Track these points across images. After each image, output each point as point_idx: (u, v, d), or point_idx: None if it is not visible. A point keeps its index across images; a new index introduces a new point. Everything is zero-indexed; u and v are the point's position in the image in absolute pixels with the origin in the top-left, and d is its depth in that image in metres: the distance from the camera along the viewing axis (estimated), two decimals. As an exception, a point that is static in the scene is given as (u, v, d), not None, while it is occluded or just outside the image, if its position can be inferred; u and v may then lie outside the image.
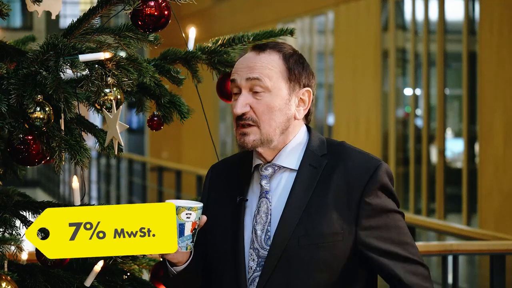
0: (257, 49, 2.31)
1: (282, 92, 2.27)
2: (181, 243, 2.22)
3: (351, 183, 2.24)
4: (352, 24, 12.72)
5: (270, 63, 2.27)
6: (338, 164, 2.27)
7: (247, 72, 2.27)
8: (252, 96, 2.26)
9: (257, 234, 2.26)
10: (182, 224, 2.21)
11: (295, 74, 2.29)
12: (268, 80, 2.26)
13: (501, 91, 9.69)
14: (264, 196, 2.28)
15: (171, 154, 19.58)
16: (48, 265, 2.36)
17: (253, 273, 2.25)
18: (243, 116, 2.27)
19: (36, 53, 2.21)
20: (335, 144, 2.33)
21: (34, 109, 2.18)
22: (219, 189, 2.37)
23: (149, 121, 2.70)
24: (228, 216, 2.31)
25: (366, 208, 2.23)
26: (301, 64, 2.32)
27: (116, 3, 2.26)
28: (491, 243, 4.96)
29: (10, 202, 2.46)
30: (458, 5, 10.69)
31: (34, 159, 2.26)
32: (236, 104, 2.27)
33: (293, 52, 2.33)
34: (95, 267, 2.48)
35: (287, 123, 2.28)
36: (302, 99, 2.31)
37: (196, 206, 2.22)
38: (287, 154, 2.30)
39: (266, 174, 2.30)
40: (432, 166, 11.22)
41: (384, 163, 2.29)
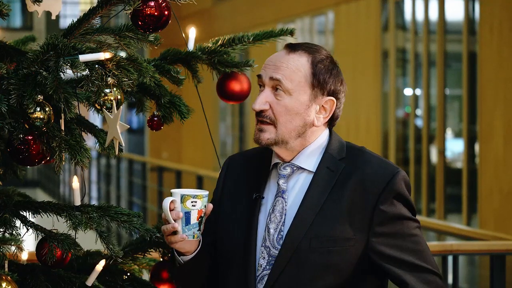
0: (289, 48, 2.29)
1: (303, 97, 2.26)
2: (188, 231, 2.23)
3: (367, 189, 2.22)
4: (352, 24, 12.72)
5: (296, 66, 2.25)
6: (356, 169, 2.25)
7: (272, 70, 2.27)
8: (274, 95, 2.26)
9: (270, 233, 2.26)
10: (188, 212, 2.22)
11: (319, 81, 2.26)
12: (290, 83, 2.24)
13: (501, 91, 9.69)
14: (280, 195, 2.28)
15: (171, 154, 19.58)
16: (49, 265, 2.36)
17: (262, 271, 2.25)
18: (261, 113, 2.27)
19: (36, 53, 2.21)
20: (355, 148, 2.32)
21: (34, 109, 2.18)
22: (235, 182, 2.37)
23: (149, 121, 2.70)
24: (243, 211, 2.31)
25: (380, 215, 2.21)
26: (329, 72, 2.28)
27: (116, 3, 2.26)
28: (491, 243, 4.96)
29: (10, 202, 2.46)
30: (458, 5, 10.69)
31: (34, 159, 2.26)
32: (256, 100, 2.28)
33: (325, 58, 2.29)
34: (97, 266, 2.49)
35: (303, 128, 2.27)
36: (324, 107, 2.29)
37: (201, 194, 2.22)
38: (307, 155, 2.29)
39: (284, 173, 2.29)
40: (432, 166, 11.21)
41: (401, 171, 2.26)
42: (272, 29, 2.72)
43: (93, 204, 2.40)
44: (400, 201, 2.24)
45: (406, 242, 2.23)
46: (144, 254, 2.74)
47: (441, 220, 10.36)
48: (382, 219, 2.21)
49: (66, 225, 2.34)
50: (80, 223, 2.32)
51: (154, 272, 2.72)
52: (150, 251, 2.74)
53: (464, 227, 8.52)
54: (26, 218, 2.44)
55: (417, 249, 2.24)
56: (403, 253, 2.22)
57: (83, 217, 2.33)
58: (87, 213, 2.34)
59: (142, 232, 2.41)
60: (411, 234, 2.24)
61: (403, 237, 2.23)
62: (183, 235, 2.23)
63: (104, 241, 2.36)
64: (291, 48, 2.29)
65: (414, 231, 2.25)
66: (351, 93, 14.05)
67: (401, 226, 2.23)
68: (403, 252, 2.22)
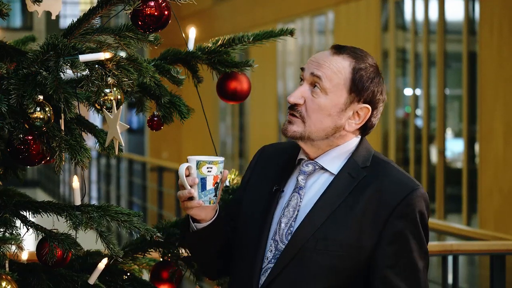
0: (335, 49, 2.30)
1: (338, 99, 2.26)
2: (204, 197, 2.26)
3: (382, 201, 2.20)
4: (352, 24, 12.72)
5: (337, 68, 2.26)
6: (376, 179, 2.23)
7: (314, 67, 2.27)
8: (311, 91, 2.27)
9: (281, 227, 2.27)
10: (204, 178, 2.25)
11: (357, 87, 2.26)
12: (329, 82, 2.25)
13: (501, 91, 9.69)
14: (297, 191, 2.29)
15: (171, 154, 19.58)
16: (49, 265, 2.36)
17: (267, 264, 2.26)
18: (294, 107, 2.28)
19: (36, 53, 2.21)
20: (381, 160, 2.30)
21: (34, 109, 2.18)
22: (262, 172, 2.39)
23: (149, 121, 2.70)
24: (262, 202, 2.33)
25: (391, 229, 2.19)
26: (369, 80, 2.27)
27: (116, 3, 2.26)
28: (491, 243, 4.96)
29: (10, 202, 2.46)
30: (458, 5, 10.69)
31: (34, 159, 2.26)
32: (293, 92, 2.29)
33: (368, 66, 2.29)
34: (99, 265, 2.49)
35: (333, 130, 2.27)
36: (359, 113, 2.28)
37: (217, 160, 2.25)
38: (332, 157, 2.29)
39: (305, 170, 2.30)
40: (432, 166, 11.21)
41: (421, 188, 2.23)
42: (272, 29, 2.72)
43: (93, 204, 2.40)
44: (414, 217, 2.20)
45: (405, 267, 2.19)
46: (144, 254, 2.74)
47: (441, 220, 10.36)
48: (392, 233, 2.19)
49: (66, 225, 2.34)
50: (80, 223, 2.32)
51: (154, 272, 2.72)
52: (150, 251, 2.74)
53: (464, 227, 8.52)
54: (26, 218, 2.44)
55: (413, 278, 2.20)
56: (396, 276, 2.19)
57: (83, 217, 2.33)
58: (87, 213, 2.34)
59: (142, 232, 2.41)
60: (414, 263, 2.20)
61: (405, 261, 2.19)
62: (199, 201, 2.26)
63: (104, 241, 2.36)
64: (337, 49, 2.30)
65: (419, 261, 2.21)
66: (351, 93, 14.00)
67: (407, 246, 2.20)
68: (396, 276, 2.19)
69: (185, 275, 2.80)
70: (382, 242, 2.19)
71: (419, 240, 2.21)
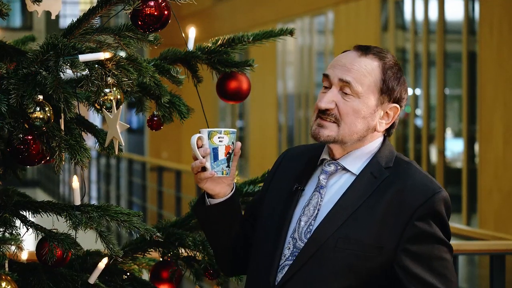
0: (361, 51, 2.28)
1: (371, 101, 2.25)
2: (216, 167, 2.28)
3: (405, 202, 2.19)
4: (352, 24, 12.72)
5: (367, 70, 2.25)
6: (398, 180, 2.23)
7: (342, 72, 2.25)
8: (341, 95, 2.25)
9: (301, 225, 2.26)
10: (216, 148, 2.27)
11: (388, 87, 2.26)
12: (360, 86, 2.24)
13: (501, 91, 9.69)
14: (318, 190, 2.28)
15: (171, 154, 19.57)
16: (49, 265, 2.36)
17: (285, 261, 2.25)
18: (326, 111, 2.26)
19: (36, 53, 2.21)
20: (403, 161, 2.29)
21: (34, 109, 2.18)
22: (285, 173, 2.38)
23: (149, 121, 2.70)
24: (282, 201, 2.32)
25: (413, 231, 2.18)
26: (397, 79, 2.28)
27: (116, 3, 2.26)
28: (491, 243, 4.96)
29: (10, 202, 2.46)
30: (458, 5, 10.69)
31: (34, 159, 2.26)
32: (323, 98, 2.26)
33: (393, 64, 2.29)
34: (99, 264, 2.49)
35: (366, 132, 2.27)
36: (388, 113, 2.28)
37: (228, 130, 2.28)
38: (354, 158, 2.28)
39: (327, 170, 2.29)
40: (432, 166, 11.21)
41: (444, 192, 2.22)
42: (272, 29, 2.72)
43: (93, 204, 2.40)
44: (436, 221, 2.20)
45: (433, 264, 2.19)
46: (144, 253, 2.74)
47: (441, 220, 10.34)
48: (414, 234, 2.18)
49: (66, 224, 2.34)
50: (80, 223, 2.32)
51: (154, 272, 2.72)
52: (150, 251, 2.74)
53: (464, 227, 8.52)
54: (26, 217, 2.45)
55: (443, 274, 2.20)
56: (428, 274, 2.18)
57: (83, 216, 2.33)
58: (87, 213, 2.34)
59: (142, 232, 2.41)
60: (441, 258, 2.20)
61: (431, 258, 2.19)
62: (212, 171, 2.28)
63: (104, 240, 2.36)
64: (362, 50, 2.28)
65: (445, 255, 2.21)
66: (351, 93, 13.99)
67: (432, 247, 2.19)
68: (428, 273, 2.18)
69: (185, 275, 2.80)
70: (404, 243, 2.18)
71: (441, 239, 2.20)
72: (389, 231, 2.18)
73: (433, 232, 2.19)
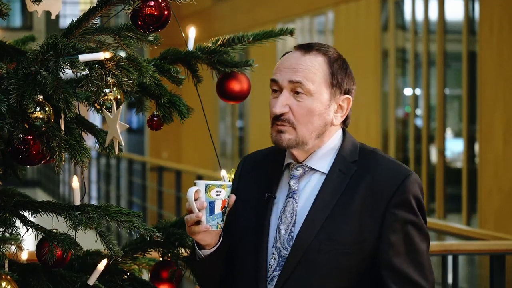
0: (303, 49, 2.27)
1: (323, 96, 2.25)
2: (212, 221, 2.23)
3: (378, 192, 2.21)
4: (352, 24, 12.72)
5: (314, 66, 2.24)
6: (367, 171, 2.24)
7: (290, 73, 2.24)
8: (293, 97, 2.24)
9: (281, 234, 2.25)
10: (212, 202, 2.22)
11: (337, 80, 2.26)
12: (311, 84, 2.23)
13: (501, 91, 9.69)
14: (291, 196, 2.27)
15: (171, 154, 19.57)
16: (49, 265, 2.36)
17: (272, 272, 2.24)
18: (280, 117, 2.24)
19: (36, 53, 2.21)
20: (368, 150, 2.31)
21: (34, 109, 2.18)
22: (248, 182, 2.35)
23: (149, 121, 2.70)
24: (255, 211, 2.30)
25: (391, 219, 2.19)
26: (344, 70, 2.28)
27: (116, 3, 2.26)
28: (491, 243, 4.96)
29: (10, 202, 2.46)
30: (458, 5, 10.69)
31: (34, 159, 2.26)
32: (276, 103, 2.25)
33: (337, 56, 2.29)
34: (99, 266, 2.48)
35: (324, 128, 2.26)
36: (341, 105, 2.29)
37: (225, 184, 2.23)
38: (320, 157, 2.28)
39: (296, 174, 2.28)
40: (432, 166, 11.21)
41: (413, 174, 2.24)
42: (272, 29, 2.72)
43: (93, 204, 2.39)
44: (411, 204, 2.21)
45: (411, 254, 2.20)
46: (144, 254, 2.74)
47: (441, 220, 10.36)
48: (393, 222, 2.19)
49: (66, 225, 2.34)
50: (80, 223, 2.32)
51: (154, 272, 2.72)
52: (150, 251, 2.74)
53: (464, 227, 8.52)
54: (26, 217, 2.44)
55: (420, 263, 2.21)
56: (406, 264, 2.19)
57: (83, 216, 2.33)
58: (87, 213, 2.34)
59: (142, 232, 2.41)
60: (417, 243, 2.21)
61: (409, 244, 2.20)
62: (207, 225, 2.22)
63: (104, 240, 2.36)
64: (304, 48, 2.27)
65: (422, 245, 2.22)
66: (351, 93, 13.99)
67: (409, 233, 2.20)
68: (406, 263, 2.19)
69: (185, 275, 2.80)
70: (384, 232, 2.19)
71: (419, 225, 2.22)
72: (368, 223, 2.20)
73: (409, 217, 2.20)
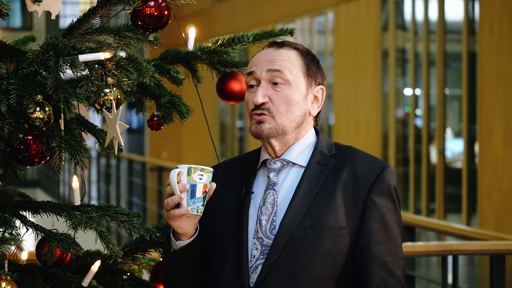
0: (276, 45, 2.35)
1: (301, 86, 2.31)
2: (192, 205, 2.23)
3: (358, 181, 2.28)
4: (352, 24, 12.72)
5: (290, 58, 2.31)
6: (346, 163, 2.31)
7: (267, 64, 2.30)
8: (272, 88, 2.30)
9: (262, 224, 2.28)
10: (194, 185, 2.23)
11: (312, 70, 2.34)
12: (289, 72, 2.30)
13: (501, 91, 9.69)
14: (271, 188, 2.30)
15: (171, 154, 19.58)
16: (48, 265, 2.36)
17: (256, 261, 2.26)
18: (261, 106, 2.29)
19: (36, 53, 2.21)
20: (343, 146, 2.38)
21: (34, 109, 2.18)
22: (223, 182, 2.36)
23: (149, 121, 2.70)
24: (232, 207, 2.33)
25: (372, 206, 2.26)
26: (316, 63, 2.36)
27: (116, 3, 2.26)
28: (491, 243, 4.96)
29: (10, 202, 2.46)
30: (458, 5, 10.69)
31: (34, 159, 2.26)
32: (257, 94, 2.29)
33: (308, 51, 2.38)
34: (92, 267, 2.48)
35: (303, 117, 2.32)
36: (316, 96, 2.35)
37: (208, 169, 2.24)
38: (297, 150, 2.33)
39: (274, 167, 2.32)
40: (432, 166, 11.21)
41: (390, 166, 2.33)
42: (272, 29, 2.72)
43: (93, 204, 2.40)
44: (390, 193, 2.29)
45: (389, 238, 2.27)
46: (144, 254, 2.74)
47: (441, 220, 10.36)
48: (373, 210, 2.26)
49: (66, 225, 2.34)
50: (80, 223, 2.32)
51: (154, 272, 2.72)
52: (150, 251, 2.74)
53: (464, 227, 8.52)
54: (26, 218, 2.44)
55: (395, 252, 2.28)
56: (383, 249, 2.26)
57: (83, 217, 2.33)
58: (87, 213, 2.34)
59: (142, 232, 2.41)
60: (395, 232, 2.28)
61: (389, 232, 2.27)
62: (187, 208, 2.22)
63: (104, 241, 2.36)
64: (277, 45, 2.36)
65: (397, 227, 2.29)
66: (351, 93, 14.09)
67: (389, 223, 2.28)
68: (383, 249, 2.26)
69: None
70: (365, 219, 2.26)
71: (397, 213, 2.30)
72: (350, 211, 2.26)
73: (388, 206, 2.28)
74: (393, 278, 2.26)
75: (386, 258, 2.25)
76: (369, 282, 2.24)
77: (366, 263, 2.25)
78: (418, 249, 4.97)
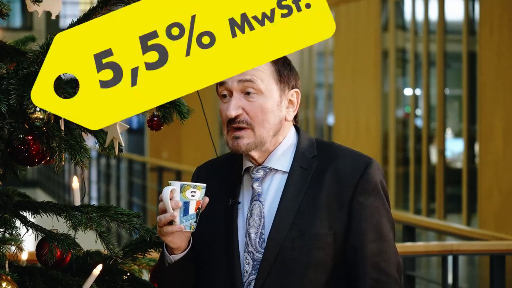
0: None
1: (274, 94, 2.26)
2: (185, 222, 2.21)
3: (342, 182, 2.23)
4: (352, 24, 12.72)
5: (260, 66, 2.24)
6: (329, 164, 2.26)
7: (238, 74, 2.24)
8: (245, 99, 2.25)
9: (251, 238, 2.25)
10: (187, 202, 2.21)
11: (284, 76, 2.28)
12: (261, 81, 2.25)
13: (501, 91, 9.69)
14: (256, 199, 2.27)
15: (171, 154, 19.58)
16: (48, 265, 2.36)
17: (248, 277, 2.24)
18: (236, 119, 2.25)
19: (36, 53, 2.21)
20: (324, 144, 2.33)
21: (34, 109, 2.18)
22: (210, 189, 2.30)
23: (149, 121, 2.70)
24: (221, 218, 2.30)
25: (358, 207, 2.22)
26: (288, 66, 2.31)
27: (116, 3, 2.26)
28: (491, 243, 4.96)
29: (10, 202, 2.46)
30: (458, 5, 10.69)
31: (34, 159, 2.26)
32: (229, 106, 2.25)
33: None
34: (94, 271, 2.47)
35: (279, 125, 2.27)
36: (291, 100, 2.30)
37: (200, 185, 2.22)
38: (278, 156, 2.29)
39: (257, 176, 2.29)
40: (432, 166, 11.21)
41: (374, 161, 2.27)
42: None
43: (93, 204, 2.39)
44: (376, 191, 2.24)
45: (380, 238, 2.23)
46: (144, 254, 2.74)
47: (441, 220, 10.36)
48: (361, 210, 2.22)
49: (66, 225, 2.34)
50: (80, 223, 2.32)
51: (154, 272, 2.72)
52: (150, 251, 2.74)
53: (464, 227, 8.52)
54: (26, 218, 2.44)
55: (385, 250, 2.24)
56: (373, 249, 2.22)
57: (83, 217, 2.33)
58: (87, 213, 2.34)
59: (142, 232, 2.41)
60: (386, 229, 2.24)
61: (379, 231, 2.23)
62: (180, 225, 2.20)
63: (104, 241, 2.36)
64: None
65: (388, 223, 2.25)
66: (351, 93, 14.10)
67: (380, 220, 2.24)
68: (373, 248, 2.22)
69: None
70: (353, 221, 2.22)
71: (386, 209, 2.26)
72: (336, 215, 2.22)
73: (376, 205, 2.24)
74: (386, 277, 2.22)
75: (377, 257, 2.21)
76: (362, 284, 2.21)
77: (357, 264, 2.21)
78: (418, 249, 4.98)
